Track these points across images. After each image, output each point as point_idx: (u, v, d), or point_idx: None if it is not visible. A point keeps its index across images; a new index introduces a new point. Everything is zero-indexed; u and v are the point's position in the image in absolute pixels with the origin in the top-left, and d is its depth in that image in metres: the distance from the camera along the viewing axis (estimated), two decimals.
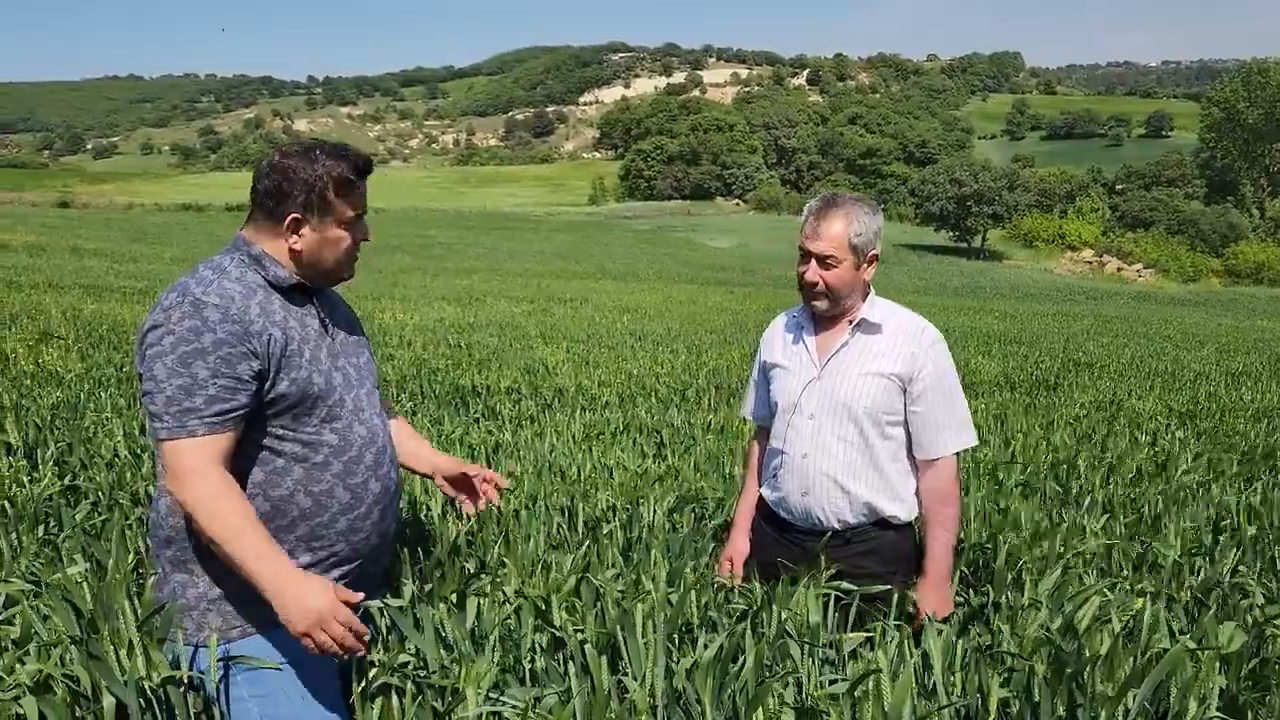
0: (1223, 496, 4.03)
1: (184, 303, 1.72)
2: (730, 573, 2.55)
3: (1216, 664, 1.88)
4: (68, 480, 3.29)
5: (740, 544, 2.61)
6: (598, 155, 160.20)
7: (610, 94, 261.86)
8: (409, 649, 1.95)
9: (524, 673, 1.98)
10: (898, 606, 2.28)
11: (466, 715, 1.80)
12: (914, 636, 2.14)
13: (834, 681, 1.89)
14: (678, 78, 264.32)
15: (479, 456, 4.36)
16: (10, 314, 9.37)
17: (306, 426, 1.84)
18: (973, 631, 2.42)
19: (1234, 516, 3.52)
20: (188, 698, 1.76)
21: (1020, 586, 2.56)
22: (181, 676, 1.75)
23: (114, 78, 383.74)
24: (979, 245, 62.83)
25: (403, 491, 2.59)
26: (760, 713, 1.76)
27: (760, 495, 2.59)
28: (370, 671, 1.91)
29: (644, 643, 1.89)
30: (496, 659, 1.92)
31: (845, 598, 2.25)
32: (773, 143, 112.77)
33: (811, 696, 1.83)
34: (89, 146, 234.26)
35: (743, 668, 1.85)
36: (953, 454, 2.39)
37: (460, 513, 2.34)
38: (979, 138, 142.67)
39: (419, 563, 2.38)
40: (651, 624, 1.92)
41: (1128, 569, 2.96)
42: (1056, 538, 2.96)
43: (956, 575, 2.55)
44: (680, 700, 1.85)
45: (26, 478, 3.25)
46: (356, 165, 1.86)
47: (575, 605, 2.17)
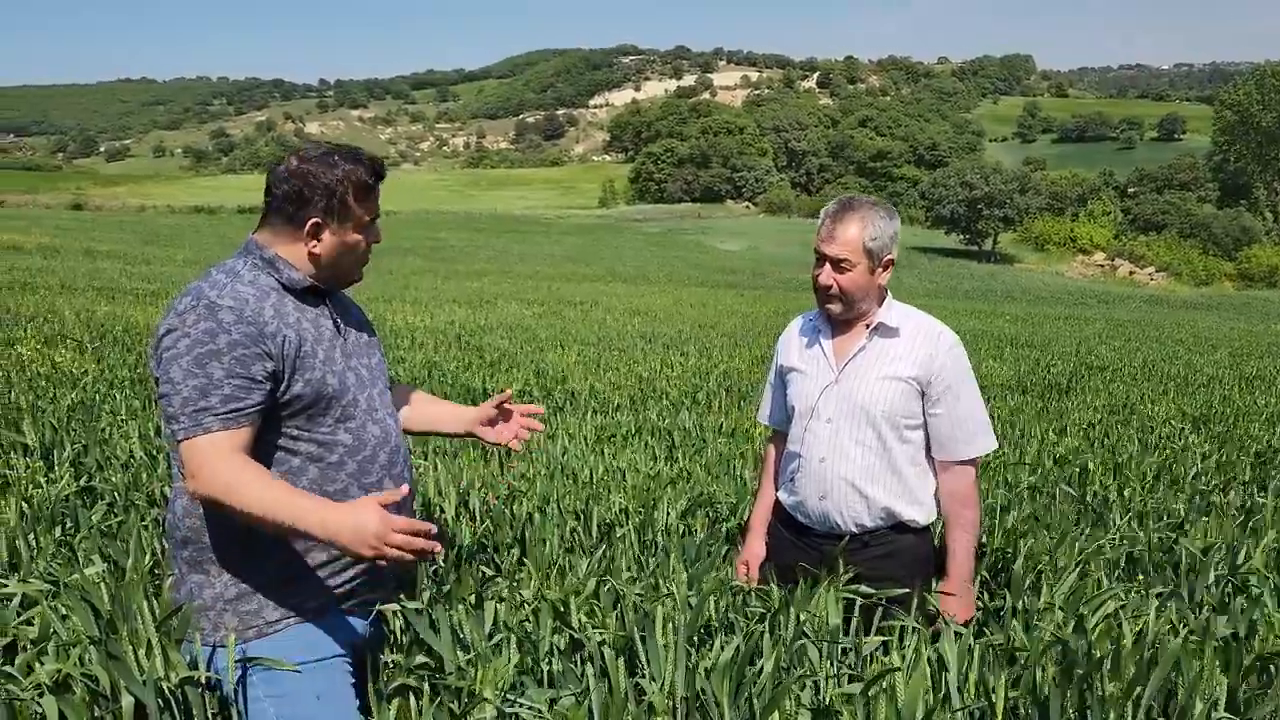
0: (1245, 500, 4.00)
1: (198, 306, 1.73)
2: (747, 576, 2.55)
3: (1217, 663, 1.87)
4: (84, 481, 3.30)
5: (757, 547, 2.61)
6: (608, 158, 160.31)
7: (620, 97, 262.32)
8: (425, 650, 1.95)
9: (542, 675, 1.98)
10: (917, 609, 2.27)
11: (484, 717, 1.80)
12: (932, 638, 2.13)
13: (851, 680, 1.89)
14: (688, 80, 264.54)
15: (490, 458, 4.37)
16: (25, 315, 9.43)
17: (321, 427, 1.85)
18: (987, 634, 2.41)
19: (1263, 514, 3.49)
20: (205, 698, 1.76)
21: (1038, 591, 2.55)
22: (199, 677, 1.76)
23: (126, 80, 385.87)
24: (990, 248, 62.71)
25: (417, 493, 2.60)
26: (777, 715, 1.76)
27: (777, 499, 2.59)
28: (387, 673, 1.91)
29: (663, 645, 1.89)
30: (514, 661, 1.92)
31: (865, 601, 2.25)
32: (783, 145, 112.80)
33: (829, 697, 1.83)
34: (102, 149, 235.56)
35: (761, 670, 1.84)
36: (973, 457, 2.38)
37: (509, 453, 2.32)
38: (990, 140, 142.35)
39: (434, 564, 2.38)
40: (671, 626, 1.92)
41: (1150, 570, 2.94)
42: (1075, 544, 2.94)
43: (978, 579, 2.54)
44: (698, 702, 1.85)
45: (44, 478, 3.26)
46: (373, 169, 1.87)
47: (595, 608, 2.17)
